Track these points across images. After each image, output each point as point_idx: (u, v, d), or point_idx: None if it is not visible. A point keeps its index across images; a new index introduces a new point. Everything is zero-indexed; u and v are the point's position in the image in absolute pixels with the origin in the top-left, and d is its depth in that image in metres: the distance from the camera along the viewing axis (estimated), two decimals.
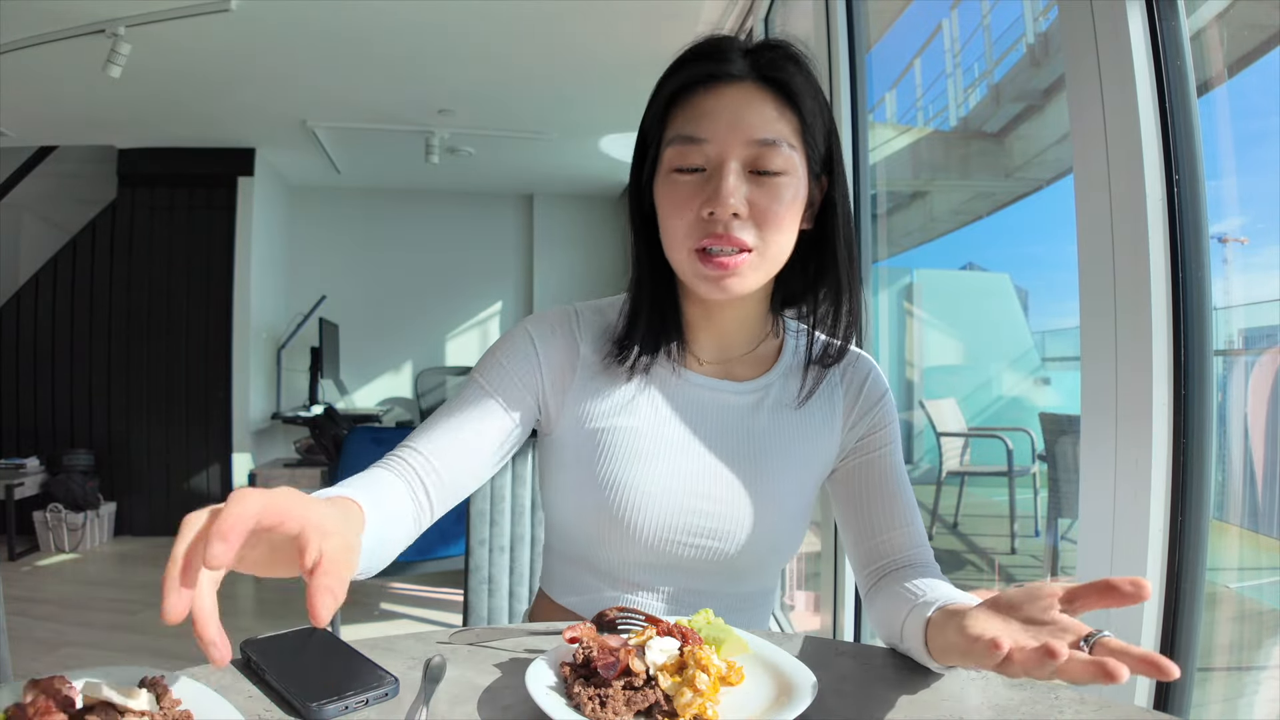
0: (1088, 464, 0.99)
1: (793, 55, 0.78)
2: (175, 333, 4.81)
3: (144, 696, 0.55)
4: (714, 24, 3.10)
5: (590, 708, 0.58)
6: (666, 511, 0.81)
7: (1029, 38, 3.43)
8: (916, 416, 3.94)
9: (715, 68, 0.76)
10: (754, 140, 0.75)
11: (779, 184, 0.76)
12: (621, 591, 0.85)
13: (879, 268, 2.05)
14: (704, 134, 0.75)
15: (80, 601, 3.54)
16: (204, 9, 2.81)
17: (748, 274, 0.77)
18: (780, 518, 0.83)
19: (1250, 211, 1.25)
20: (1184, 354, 0.90)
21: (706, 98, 0.76)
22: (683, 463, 0.82)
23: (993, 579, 3.40)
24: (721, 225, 0.74)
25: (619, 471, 0.81)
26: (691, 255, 0.76)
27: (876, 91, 3.59)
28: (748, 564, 0.84)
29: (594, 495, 0.82)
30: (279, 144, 4.72)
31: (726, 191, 0.73)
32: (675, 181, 0.77)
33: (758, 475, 0.83)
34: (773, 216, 0.75)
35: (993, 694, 0.64)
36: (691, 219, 0.76)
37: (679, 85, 0.77)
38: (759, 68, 0.76)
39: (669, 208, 0.77)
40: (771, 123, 0.75)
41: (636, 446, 0.82)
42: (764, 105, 0.76)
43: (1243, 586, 1.34)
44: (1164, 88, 0.92)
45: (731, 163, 0.74)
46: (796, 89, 0.77)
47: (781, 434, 0.85)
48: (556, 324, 0.86)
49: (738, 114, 0.75)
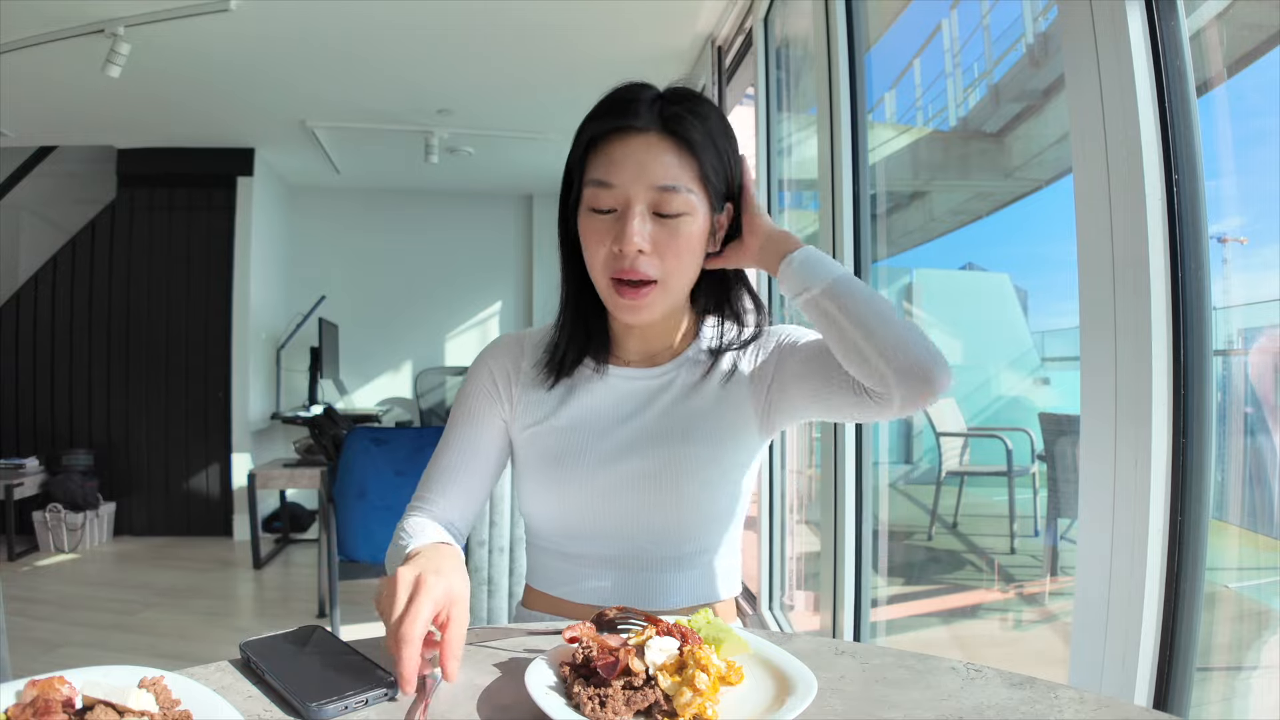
0: (1087, 464, 0.99)
1: (695, 109, 0.87)
2: (175, 333, 4.80)
3: (144, 697, 0.55)
4: (713, 24, 3.10)
5: (590, 707, 0.58)
6: (604, 491, 0.92)
7: (1028, 38, 3.42)
8: (916, 416, 3.94)
9: (624, 120, 0.86)
10: (656, 186, 0.85)
11: (678, 224, 0.87)
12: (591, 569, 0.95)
13: (878, 268, 2.05)
14: (613, 180, 0.85)
15: (79, 602, 3.54)
16: (203, 9, 2.81)
17: (655, 303, 0.89)
18: (707, 480, 0.93)
19: (1249, 211, 1.25)
20: (1183, 354, 0.91)
21: (616, 146, 0.86)
22: (616, 446, 0.93)
23: (992, 579, 3.40)
24: (629, 261, 0.86)
25: (565, 466, 0.93)
26: (609, 285, 0.88)
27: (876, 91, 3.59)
28: (683, 528, 0.94)
29: (548, 490, 0.94)
30: (278, 144, 4.72)
31: (630, 232, 0.84)
32: (592, 219, 0.88)
33: (683, 443, 0.93)
34: (673, 252, 0.87)
35: (993, 693, 0.64)
36: (605, 253, 0.87)
37: (594, 133, 0.88)
38: (663, 120, 0.86)
39: (587, 242, 0.89)
40: (672, 169, 0.86)
41: (575, 442, 0.94)
42: (666, 154, 0.86)
43: (1242, 586, 1.34)
44: (1163, 88, 0.92)
45: (636, 206, 0.85)
46: (695, 140, 0.86)
47: (698, 405, 0.95)
48: (504, 350, 1.01)
49: (642, 163, 0.85)
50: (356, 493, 2.71)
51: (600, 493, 0.92)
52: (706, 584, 0.96)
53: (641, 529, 0.93)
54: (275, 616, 3.44)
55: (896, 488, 4.17)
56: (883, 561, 2.55)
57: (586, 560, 0.95)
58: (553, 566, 0.97)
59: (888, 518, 2.74)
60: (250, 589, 3.91)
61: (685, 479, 0.92)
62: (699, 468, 0.93)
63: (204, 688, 0.59)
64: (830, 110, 1.93)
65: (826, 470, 1.94)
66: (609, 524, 0.93)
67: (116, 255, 4.78)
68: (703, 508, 0.94)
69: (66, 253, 4.77)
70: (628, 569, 0.94)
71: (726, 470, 0.95)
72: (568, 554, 0.96)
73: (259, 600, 3.77)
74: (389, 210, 5.78)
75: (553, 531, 0.97)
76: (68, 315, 4.76)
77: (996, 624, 2.99)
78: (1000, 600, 3.20)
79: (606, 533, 0.94)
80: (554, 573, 0.97)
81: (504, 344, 1.02)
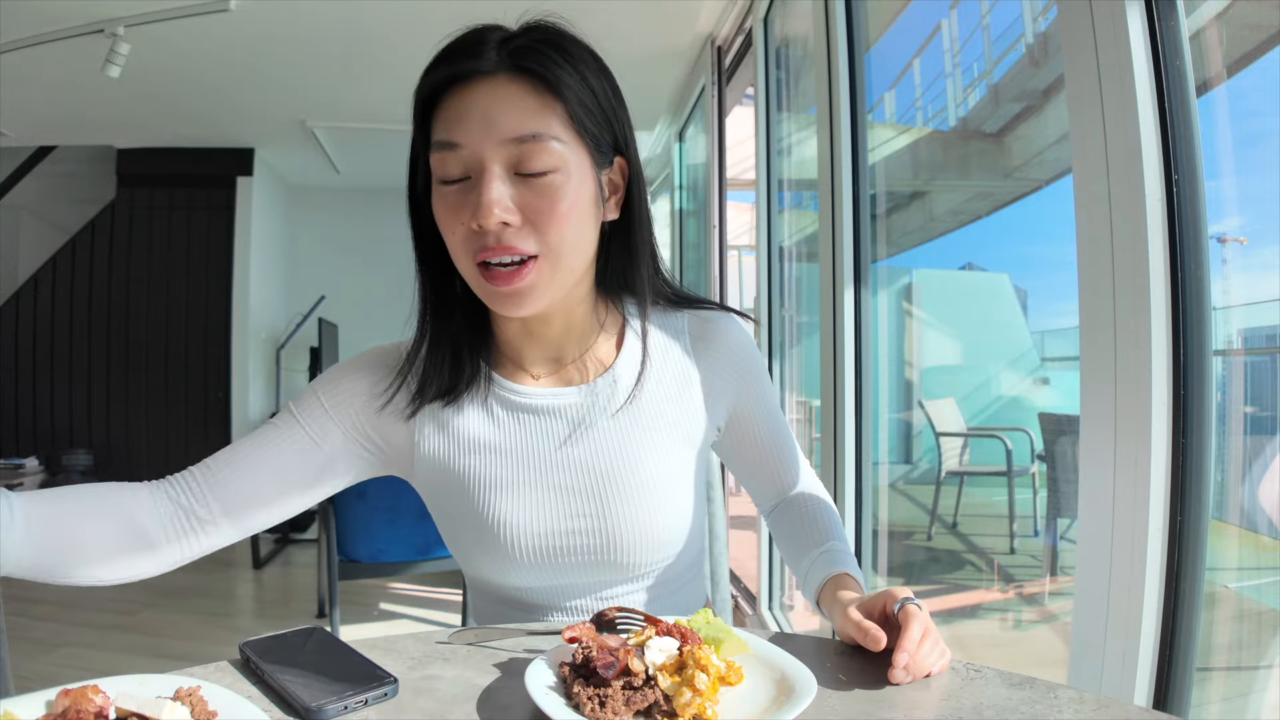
0: (1087, 464, 0.99)
1: (549, 38, 0.71)
2: (174, 333, 4.81)
3: (178, 709, 0.54)
4: (713, 24, 3.10)
5: (589, 708, 0.57)
6: (541, 535, 0.77)
7: (1028, 38, 3.42)
8: (915, 416, 3.94)
9: (464, 65, 0.69)
10: (511, 138, 0.68)
11: (550, 183, 0.69)
12: (537, 615, 0.83)
13: (878, 268, 2.05)
14: (458, 138, 0.69)
15: (79, 601, 3.53)
16: (203, 9, 2.81)
17: (540, 283, 0.71)
18: (654, 510, 0.79)
19: (1249, 211, 1.25)
20: (1183, 354, 0.90)
21: (459, 98, 0.70)
22: (539, 486, 0.78)
23: (992, 579, 3.40)
24: (492, 237, 0.69)
25: (483, 509, 0.78)
26: (475, 271, 0.71)
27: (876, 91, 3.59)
28: (641, 560, 0.80)
29: (470, 535, 0.79)
30: (278, 144, 4.72)
31: (487, 201, 0.68)
32: (442, 193, 0.72)
33: (616, 475, 0.78)
34: (549, 218, 0.69)
35: (992, 694, 0.64)
36: (464, 232, 0.70)
37: (430, 88, 0.72)
38: (511, 57, 0.70)
39: (442, 222, 0.72)
40: (530, 116, 0.69)
41: (491, 478, 0.78)
42: (520, 97, 0.69)
43: (1242, 586, 1.34)
44: (1163, 88, 0.92)
45: (492, 166, 0.69)
46: (554, 75, 0.69)
47: (636, 426, 0.80)
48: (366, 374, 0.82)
49: (489, 112, 0.68)
50: (356, 493, 2.71)
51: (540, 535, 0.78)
52: (678, 608, 0.86)
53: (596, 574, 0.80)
54: (275, 617, 3.44)
55: (896, 488, 4.17)
56: (882, 561, 2.55)
57: (545, 610, 0.83)
58: (510, 617, 0.84)
59: (887, 518, 2.74)
60: (250, 589, 3.91)
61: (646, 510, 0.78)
62: (656, 491, 0.79)
63: (239, 697, 0.59)
64: (830, 110, 1.93)
65: (826, 470, 1.94)
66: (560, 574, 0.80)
67: (116, 255, 4.78)
68: (660, 539, 0.80)
69: (66, 253, 4.77)
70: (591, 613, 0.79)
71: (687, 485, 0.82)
72: (519, 604, 0.83)
73: (259, 600, 3.76)
74: (389, 210, 5.73)
75: (496, 581, 0.82)
76: (67, 315, 4.76)
77: (996, 624, 2.99)
78: (1000, 600, 3.20)
79: (559, 582, 0.81)
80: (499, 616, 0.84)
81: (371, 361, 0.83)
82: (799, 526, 0.88)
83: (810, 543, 0.85)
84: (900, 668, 0.64)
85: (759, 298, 2.77)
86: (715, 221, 3.26)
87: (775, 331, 2.73)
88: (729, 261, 3.27)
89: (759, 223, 2.76)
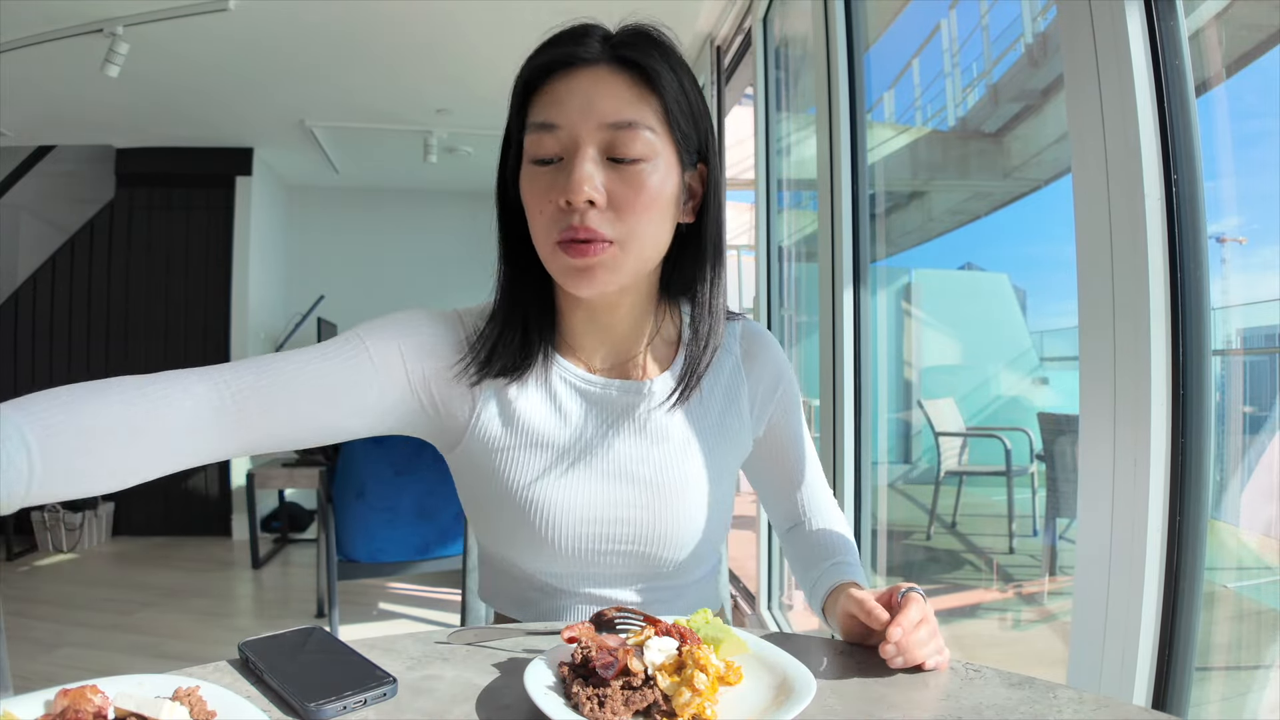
0: (1086, 464, 0.99)
1: (652, 37, 0.75)
2: (173, 332, 4.80)
3: (177, 709, 0.54)
4: (713, 24, 3.10)
5: (589, 707, 0.57)
6: (584, 522, 0.78)
7: (1027, 38, 3.43)
8: (915, 416, 3.94)
9: (569, 51, 0.73)
10: (608, 124, 0.71)
11: (639, 171, 0.72)
12: (553, 600, 0.83)
13: (877, 268, 2.05)
14: (556, 119, 0.72)
15: (78, 602, 3.54)
16: (202, 9, 2.81)
17: (610, 267, 0.73)
18: (699, 511, 0.81)
19: (1248, 211, 1.25)
20: (1182, 354, 0.91)
21: (560, 83, 0.73)
22: (591, 473, 0.79)
23: (991, 579, 3.40)
24: (578, 215, 0.71)
25: (531, 487, 0.78)
26: (554, 249, 0.73)
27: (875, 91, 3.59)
28: (676, 558, 0.82)
29: (510, 512, 0.79)
30: (277, 144, 4.71)
31: (579, 178, 0.70)
32: (533, 173, 0.74)
33: (668, 473, 0.80)
34: (632, 205, 0.72)
35: (991, 693, 0.64)
36: (552, 211, 0.72)
37: (532, 71, 0.75)
38: (614, 49, 0.73)
39: (529, 201, 0.74)
40: (628, 105, 0.72)
41: (543, 459, 0.79)
42: (620, 87, 0.72)
43: (1241, 586, 1.34)
44: (1162, 88, 0.92)
45: (586, 148, 0.71)
46: (655, 69, 0.73)
47: (689, 428, 0.83)
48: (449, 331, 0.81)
49: (590, 97, 0.71)
50: (355, 492, 2.71)
51: (582, 523, 0.79)
52: (697, 605, 0.87)
53: (632, 564, 0.82)
54: (274, 616, 3.43)
55: (895, 487, 4.17)
56: (882, 561, 2.55)
57: (569, 595, 0.82)
58: (528, 599, 0.84)
59: (886, 517, 2.74)
60: (249, 589, 3.90)
61: (680, 509, 0.80)
62: (698, 494, 0.81)
63: (238, 697, 0.58)
64: (829, 110, 1.93)
65: (825, 470, 1.94)
66: (596, 561, 0.80)
67: (115, 255, 4.77)
68: (701, 536, 0.83)
69: (65, 252, 4.77)
70: (616, 603, 0.82)
71: (724, 492, 0.85)
72: (543, 587, 0.83)
73: (257, 600, 3.76)
74: (388, 210, 5.77)
75: (525, 564, 0.82)
76: (66, 315, 4.76)
77: (995, 624, 2.99)
78: (999, 600, 3.20)
79: (593, 569, 0.81)
80: (530, 607, 0.85)
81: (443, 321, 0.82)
82: (813, 545, 0.90)
83: (821, 558, 0.87)
84: (892, 642, 0.66)
85: (758, 297, 2.77)
86: None
87: (775, 331, 2.73)
88: (728, 261, 3.27)
89: (758, 222, 2.76)
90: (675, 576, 0.84)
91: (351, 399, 0.74)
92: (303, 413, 0.71)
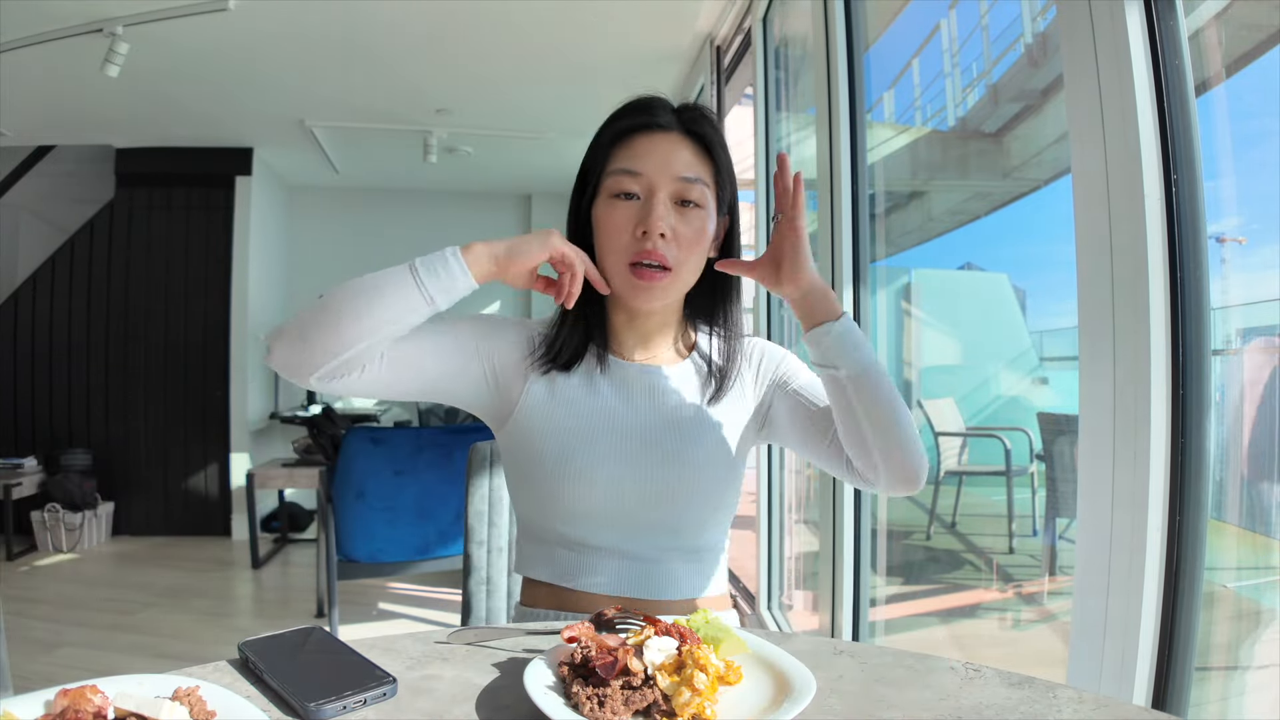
0: (1086, 463, 0.99)
1: (709, 117, 0.98)
2: (173, 332, 4.80)
3: (177, 709, 0.54)
4: (713, 24, 3.10)
5: (588, 707, 0.58)
6: (613, 480, 0.93)
7: (1027, 38, 3.42)
8: (914, 416, 3.94)
9: (650, 119, 0.95)
10: (679, 177, 0.93)
11: (697, 215, 0.94)
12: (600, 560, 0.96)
13: (876, 267, 2.05)
14: (640, 168, 0.93)
15: (78, 601, 3.54)
16: (202, 8, 2.81)
17: (667, 289, 0.95)
18: (713, 478, 0.96)
19: (1248, 211, 1.25)
20: (1182, 354, 0.91)
21: (643, 141, 0.94)
22: (625, 439, 0.95)
23: (991, 578, 3.41)
24: (652, 242, 0.91)
25: (572, 450, 0.94)
26: (626, 268, 0.93)
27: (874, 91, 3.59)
28: (693, 520, 0.97)
29: (560, 483, 0.94)
30: (277, 144, 4.72)
31: (658, 215, 0.91)
32: (615, 206, 0.93)
33: (689, 442, 0.96)
34: (688, 242, 0.93)
35: (991, 693, 0.64)
36: (628, 238, 0.92)
37: (621, 129, 0.95)
38: (684, 122, 0.95)
39: (609, 227, 0.94)
40: (693, 165, 0.94)
41: (585, 427, 0.95)
42: (687, 152, 0.94)
43: (1240, 586, 1.34)
44: (1162, 87, 0.92)
45: (661, 193, 0.92)
46: (713, 142, 0.96)
47: (703, 408, 0.99)
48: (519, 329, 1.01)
49: (667, 156, 0.93)
50: (355, 493, 2.71)
51: (615, 485, 0.93)
52: (706, 578, 0.99)
53: (654, 522, 0.95)
54: (274, 616, 3.44)
55: None
56: (881, 561, 2.55)
57: (596, 552, 0.95)
58: (558, 558, 0.97)
59: (886, 517, 2.74)
60: (249, 589, 3.91)
61: (698, 473, 0.95)
62: (710, 463, 0.96)
63: (238, 697, 0.59)
64: (829, 110, 1.93)
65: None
66: (622, 518, 0.94)
67: (115, 255, 4.77)
68: (712, 502, 0.97)
69: (65, 252, 4.77)
70: (636, 560, 0.95)
71: (734, 465, 0.99)
72: (574, 545, 0.96)
73: (257, 600, 3.76)
74: (388, 210, 5.77)
75: (560, 524, 0.96)
76: (66, 315, 4.76)
77: (995, 623, 2.99)
78: (999, 600, 3.20)
79: (618, 525, 0.95)
80: (559, 565, 0.97)
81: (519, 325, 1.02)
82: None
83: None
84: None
85: (758, 298, 2.77)
86: None
87: (775, 331, 2.73)
88: None
89: (758, 222, 2.76)
90: (691, 536, 0.98)
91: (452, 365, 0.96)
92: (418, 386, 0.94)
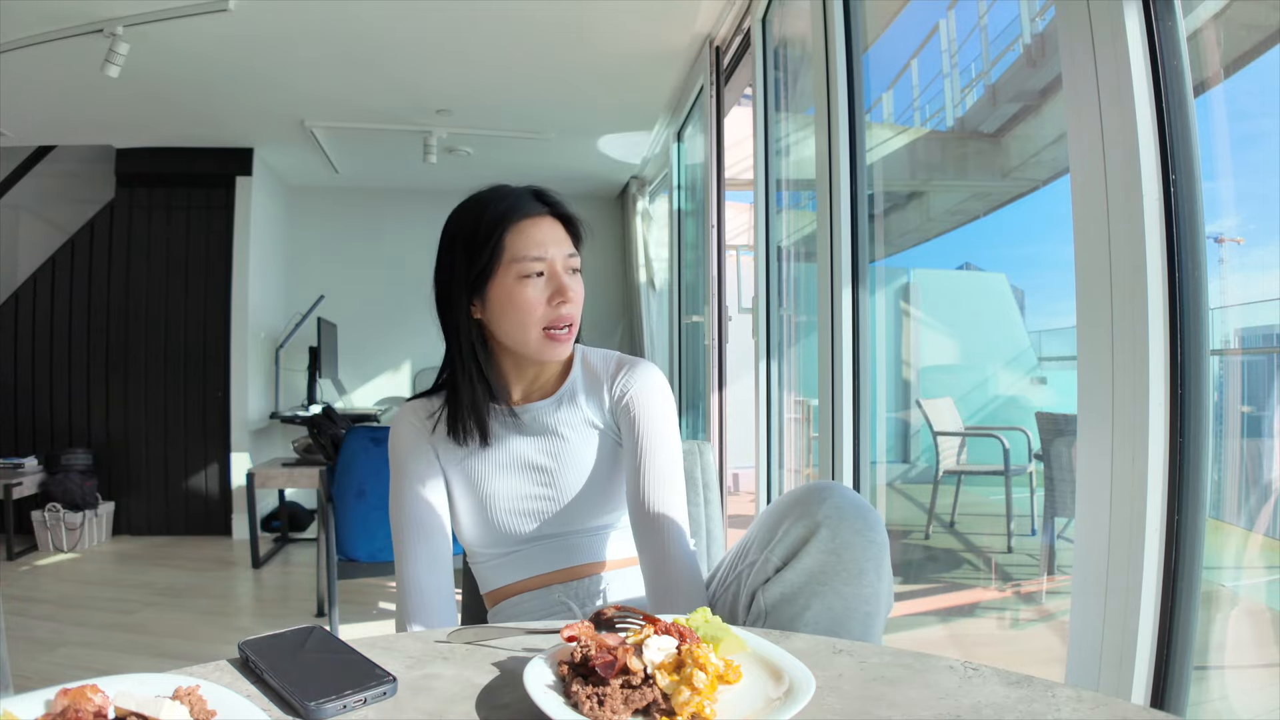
0: (1084, 463, 1.00)
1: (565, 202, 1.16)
2: (173, 332, 4.80)
3: (177, 708, 0.54)
4: (712, 24, 3.10)
5: (588, 706, 0.58)
6: (515, 499, 1.16)
7: (1025, 38, 3.43)
8: (913, 416, 3.95)
9: (532, 208, 1.11)
10: (569, 253, 1.12)
11: (580, 279, 1.14)
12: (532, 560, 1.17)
13: (876, 268, 2.06)
14: (543, 252, 1.09)
15: (78, 601, 3.53)
16: (202, 9, 2.81)
17: (571, 340, 1.14)
18: (591, 479, 1.16)
19: (1246, 211, 1.26)
20: (1180, 353, 0.91)
21: (534, 226, 1.10)
22: (519, 468, 1.16)
23: (989, 578, 3.41)
24: (567, 308, 1.10)
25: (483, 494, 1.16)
26: (541, 333, 1.10)
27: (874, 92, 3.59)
28: (584, 511, 1.17)
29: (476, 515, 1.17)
30: (277, 144, 4.71)
31: (568, 285, 1.09)
32: (527, 284, 1.09)
33: (565, 453, 1.17)
34: (579, 300, 1.12)
35: (990, 692, 0.65)
36: (543, 309, 1.09)
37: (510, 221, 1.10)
38: (552, 208, 1.14)
39: (526, 303, 1.08)
40: (570, 241, 1.14)
41: (488, 472, 1.16)
42: (561, 230, 1.13)
43: (1239, 585, 1.34)
44: (1161, 88, 0.92)
45: (565, 269, 1.11)
46: (575, 219, 1.16)
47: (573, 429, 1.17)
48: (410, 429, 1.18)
49: (556, 237, 1.12)
50: (355, 492, 2.71)
51: (515, 499, 1.15)
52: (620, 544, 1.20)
53: (564, 521, 1.16)
54: (274, 616, 3.43)
55: (894, 487, 4.17)
56: None
57: (526, 555, 1.18)
58: (500, 567, 1.19)
59: (885, 517, 2.74)
60: (249, 588, 3.90)
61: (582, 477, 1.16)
62: (587, 466, 1.16)
63: (238, 696, 0.59)
64: (828, 110, 1.93)
65: (824, 469, 1.94)
66: (541, 527, 1.16)
67: (115, 255, 4.77)
68: (605, 498, 1.18)
69: (65, 252, 4.76)
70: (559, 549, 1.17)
71: (609, 466, 1.18)
72: (510, 555, 1.18)
73: (258, 600, 3.76)
74: (388, 210, 5.77)
75: (496, 546, 1.17)
76: (66, 315, 4.75)
77: (994, 623, 2.99)
78: (997, 599, 3.20)
79: (540, 534, 1.16)
80: (503, 571, 1.19)
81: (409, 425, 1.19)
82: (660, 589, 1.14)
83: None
84: None
85: (757, 298, 2.77)
86: (713, 221, 3.26)
87: (774, 331, 2.73)
88: (727, 261, 3.27)
89: (757, 222, 2.76)
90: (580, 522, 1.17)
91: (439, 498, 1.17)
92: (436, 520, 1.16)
